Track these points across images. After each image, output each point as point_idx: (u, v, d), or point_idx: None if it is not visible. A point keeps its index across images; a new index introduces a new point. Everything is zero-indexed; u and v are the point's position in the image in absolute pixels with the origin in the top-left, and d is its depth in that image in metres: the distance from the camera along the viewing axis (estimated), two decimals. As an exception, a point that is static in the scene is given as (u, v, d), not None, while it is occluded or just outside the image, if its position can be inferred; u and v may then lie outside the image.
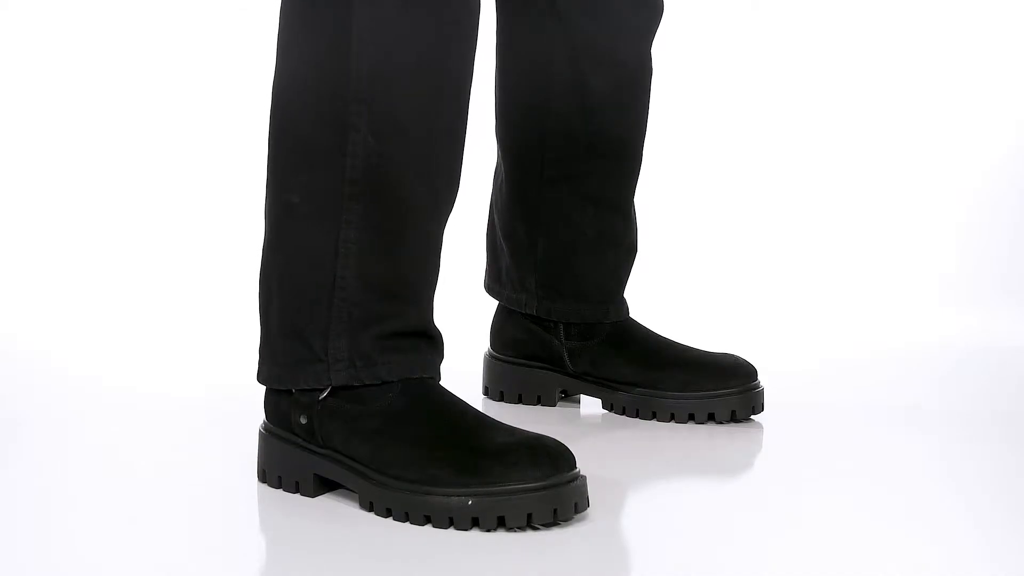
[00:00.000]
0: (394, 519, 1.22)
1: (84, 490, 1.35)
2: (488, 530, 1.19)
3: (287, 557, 1.19)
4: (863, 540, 1.22)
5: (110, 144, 2.37)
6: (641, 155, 1.66)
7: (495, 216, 1.69)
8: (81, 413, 1.64)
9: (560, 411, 1.67)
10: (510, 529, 1.19)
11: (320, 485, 1.30)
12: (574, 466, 1.22)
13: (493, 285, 1.70)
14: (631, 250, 1.68)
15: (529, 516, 1.19)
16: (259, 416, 1.36)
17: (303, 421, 1.29)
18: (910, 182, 2.38)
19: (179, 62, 2.40)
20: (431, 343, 1.31)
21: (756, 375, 1.62)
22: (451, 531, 1.20)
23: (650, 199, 1.72)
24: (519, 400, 1.68)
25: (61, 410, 1.66)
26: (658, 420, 1.61)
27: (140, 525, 1.24)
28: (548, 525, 1.20)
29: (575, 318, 1.65)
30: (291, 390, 1.30)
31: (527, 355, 1.68)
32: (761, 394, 1.62)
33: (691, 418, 1.60)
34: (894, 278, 2.29)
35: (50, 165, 2.36)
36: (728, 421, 1.60)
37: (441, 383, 1.31)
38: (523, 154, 1.64)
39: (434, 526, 1.20)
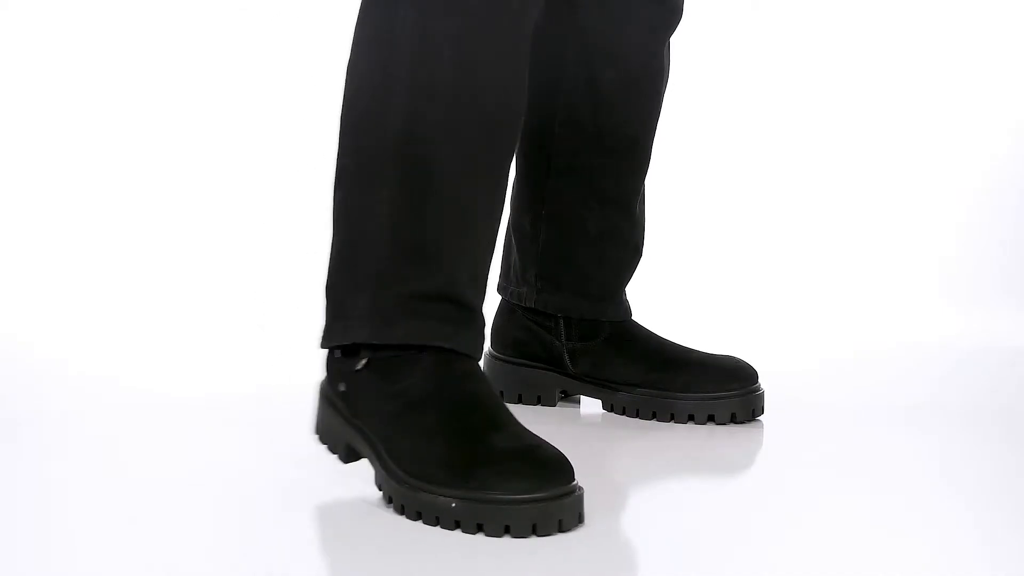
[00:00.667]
0: (394, 510, 1.23)
1: (84, 490, 1.35)
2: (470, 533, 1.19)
3: (288, 557, 1.19)
4: (863, 540, 1.22)
5: (110, 144, 2.37)
6: (649, 155, 1.66)
7: (509, 212, 1.69)
8: (81, 413, 1.64)
9: (560, 411, 1.67)
10: (488, 535, 1.19)
11: (351, 454, 1.32)
12: (569, 481, 1.20)
13: (501, 281, 1.71)
14: (635, 251, 1.68)
15: (507, 527, 1.18)
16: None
17: (342, 388, 1.31)
18: (910, 182, 2.38)
19: (180, 62, 2.40)
20: (463, 313, 1.30)
21: (757, 378, 1.62)
22: (451, 532, 1.20)
23: (650, 199, 1.72)
24: (519, 400, 1.68)
25: (61, 410, 1.66)
26: (658, 420, 1.61)
27: (140, 525, 1.24)
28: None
29: (573, 313, 1.66)
30: (335, 354, 1.33)
31: (527, 355, 1.68)
32: (761, 397, 1.62)
33: (691, 419, 1.60)
34: (894, 278, 2.29)
35: (52, 165, 2.36)
36: (728, 423, 1.60)
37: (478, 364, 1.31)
38: (532, 144, 1.64)
39: (424, 523, 1.21)
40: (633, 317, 1.69)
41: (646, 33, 1.61)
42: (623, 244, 1.66)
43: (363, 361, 1.30)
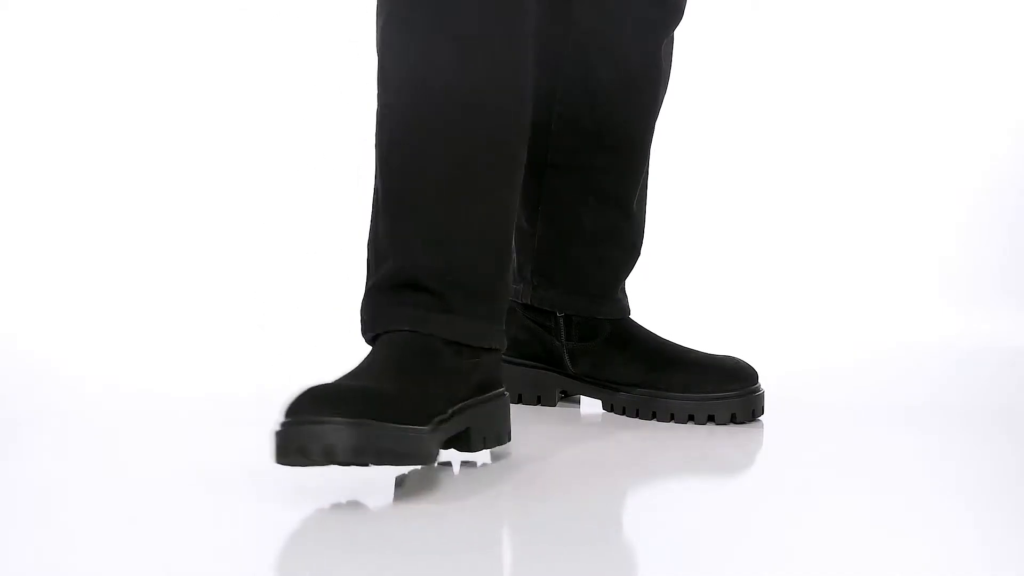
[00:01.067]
0: None
1: (84, 490, 1.35)
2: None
3: (289, 557, 1.19)
4: (863, 540, 1.22)
5: (111, 145, 2.37)
6: (645, 154, 1.66)
7: None
8: (81, 413, 1.64)
9: (560, 411, 1.67)
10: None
11: None
12: (309, 414, 1.23)
13: None
14: (633, 250, 1.68)
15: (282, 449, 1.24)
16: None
17: None
18: (910, 182, 2.38)
19: (180, 62, 2.40)
20: (434, 299, 1.34)
21: (757, 378, 1.62)
22: (449, 531, 1.20)
23: (650, 199, 1.72)
24: (519, 400, 1.68)
25: (61, 410, 1.66)
26: (658, 420, 1.61)
27: (140, 525, 1.24)
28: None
29: (568, 310, 1.66)
30: None
31: (528, 355, 1.68)
32: (761, 398, 1.62)
33: (691, 419, 1.60)
34: (894, 278, 2.29)
35: (52, 166, 2.36)
36: (728, 423, 1.60)
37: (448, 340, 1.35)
38: (530, 142, 1.65)
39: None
40: (633, 317, 1.69)
41: (645, 32, 1.61)
42: (620, 242, 1.66)
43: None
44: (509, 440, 1.42)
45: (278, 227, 2.34)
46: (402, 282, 1.34)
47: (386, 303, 1.35)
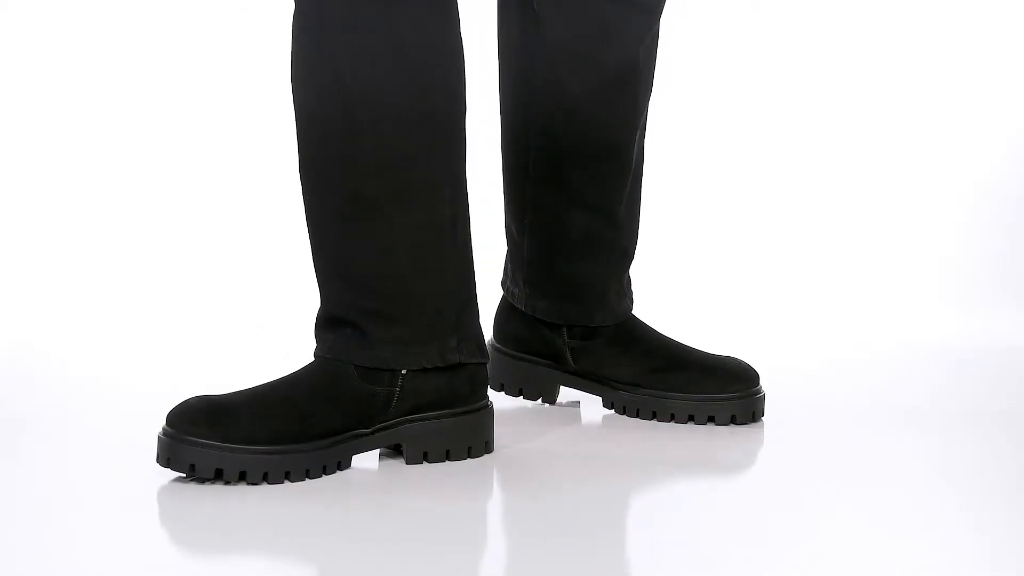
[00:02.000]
0: None
1: (84, 490, 1.35)
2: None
3: (288, 556, 1.19)
4: (863, 540, 1.22)
5: (111, 145, 2.37)
6: (630, 159, 1.63)
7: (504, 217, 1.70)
8: (81, 413, 1.64)
9: (560, 411, 1.67)
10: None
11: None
12: (169, 425, 1.33)
13: (503, 278, 1.71)
14: (623, 255, 1.66)
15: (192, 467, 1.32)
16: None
17: None
18: (910, 182, 2.38)
19: (180, 62, 2.40)
20: (351, 329, 1.40)
21: (758, 380, 1.62)
22: (448, 531, 1.20)
23: (650, 199, 1.72)
24: (519, 394, 1.68)
25: (61, 410, 1.66)
26: (658, 420, 1.61)
27: (140, 525, 1.24)
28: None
29: (560, 319, 1.65)
30: None
31: (529, 351, 1.68)
32: (762, 400, 1.62)
33: (691, 419, 1.60)
34: (894, 278, 2.29)
35: (53, 166, 2.36)
36: (728, 424, 1.59)
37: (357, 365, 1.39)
38: (513, 152, 1.64)
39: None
40: (635, 316, 1.68)
41: (619, 38, 1.58)
42: (608, 249, 1.65)
43: None
44: (474, 455, 1.43)
45: (278, 227, 2.33)
46: (325, 318, 1.42)
47: (317, 337, 1.42)
